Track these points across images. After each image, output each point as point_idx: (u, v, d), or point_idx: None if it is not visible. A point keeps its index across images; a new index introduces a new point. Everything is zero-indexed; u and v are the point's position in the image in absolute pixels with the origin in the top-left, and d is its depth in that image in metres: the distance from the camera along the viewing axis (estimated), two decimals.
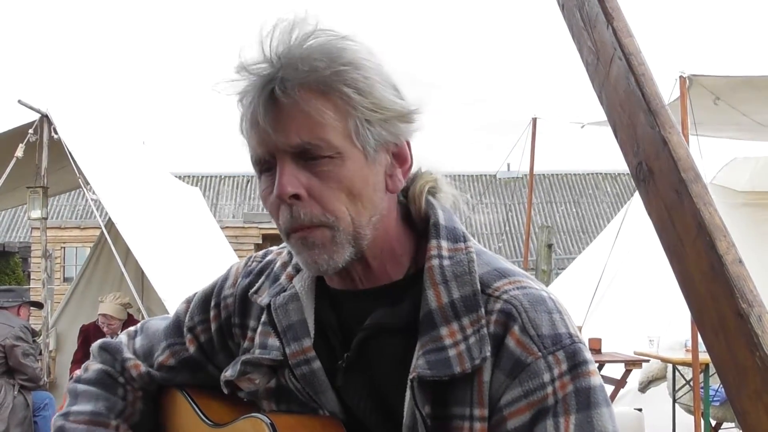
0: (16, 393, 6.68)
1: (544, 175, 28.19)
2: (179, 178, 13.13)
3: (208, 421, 1.30)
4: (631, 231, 8.20)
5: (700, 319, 0.93)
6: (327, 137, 1.09)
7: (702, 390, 6.43)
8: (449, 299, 1.12)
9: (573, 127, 8.66)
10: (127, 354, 1.42)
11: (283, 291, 1.24)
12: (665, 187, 0.95)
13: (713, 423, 6.88)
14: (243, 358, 1.24)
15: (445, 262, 1.15)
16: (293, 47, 1.09)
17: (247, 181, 28.70)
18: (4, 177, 7.34)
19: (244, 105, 1.13)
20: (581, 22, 1.09)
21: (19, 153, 7.26)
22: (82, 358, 7.28)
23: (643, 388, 7.56)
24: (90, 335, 7.49)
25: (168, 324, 1.41)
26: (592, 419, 1.07)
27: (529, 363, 1.08)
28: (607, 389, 1.15)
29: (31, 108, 7.36)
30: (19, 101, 7.26)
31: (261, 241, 17.45)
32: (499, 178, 26.27)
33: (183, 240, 8.84)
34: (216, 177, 29.31)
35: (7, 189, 7.68)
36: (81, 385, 1.42)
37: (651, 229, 1.00)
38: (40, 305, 7.76)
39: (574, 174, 30.03)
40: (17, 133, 7.35)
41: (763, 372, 0.84)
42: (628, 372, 7.17)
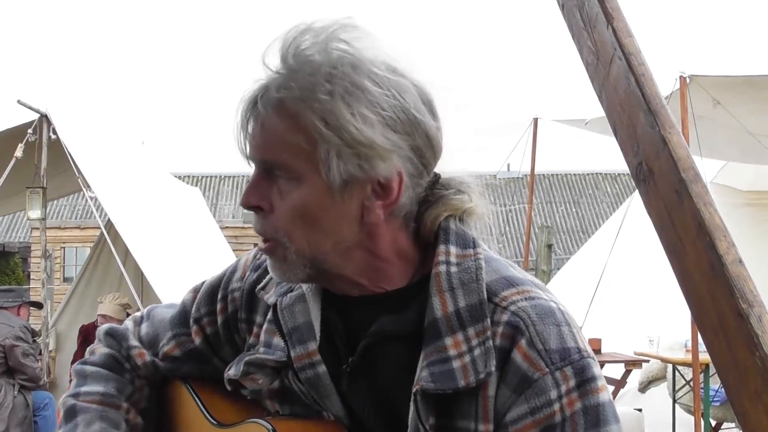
0: (16, 393, 6.68)
1: (543, 175, 28.20)
2: (179, 178, 13.14)
3: (212, 420, 1.29)
4: (631, 231, 8.20)
5: (700, 319, 0.93)
6: (287, 160, 1.08)
7: (702, 390, 6.43)
8: (455, 308, 1.10)
9: (573, 128, 8.64)
10: (133, 341, 1.40)
11: (290, 291, 1.22)
12: (665, 187, 0.95)
13: (713, 423, 6.88)
14: (246, 358, 1.23)
15: (453, 269, 1.12)
16: (288, 58, 1.09)
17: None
18: (4, 177, 7.34)
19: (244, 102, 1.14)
20: (581, 22, 1.09)
21: (18, 153, 7.27)
22: (82, 358, 7.27)
23: (643, 388, 7.57)
24: (90, 335, 7.49)
25: (174, 313, 1.39)
26: None
27: (536, 379, 1.05)
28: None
29: (30, 108, 7.36)
30: (18, 101, 7.27)
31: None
32: (500, 179, 26.28)
33: (182, 240, 8.84)
34: (216, 177, 29.32)
35: (6, 190, 7.67)
36: (89, 367, 1.40)
37: (651, 229, 1.00)
38: (39, 305, 7.76)
39: (574, 174, 30.04)
40: (16, 133, 7.35)
41: (763, 372, 0.84)
42: (628, 372, 7.18)
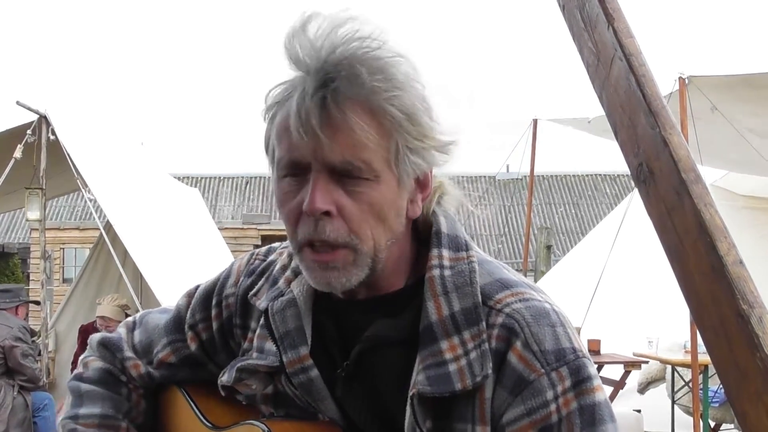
0: (15, 394, 6.67)
1: (543, 176, 28.20)
2: (178, 179, 13.13)
3: (207, 423, 1.30)
4: (630, 231, 8.21)
5: (700, 320, 0.93)
6: (369, 159, 1.06)
7: (701, 391, 6.43)
8: (450, 312, 1.10)
9: (572, 129, 8.63)
10: (128, 353, 1.40)
11: (281, 295, 1.21)
12: (666, 188, 0.95)
13: (712, 424, 6.89)
14: (238, 364, 1.22)
15: (446, 272, 1.12)
16: (354, 58, 1.05)
17: (246, 183, 28.70)
18: (3, 178, 7.34)
19: (284, 99, 1.09)
20: (582, 22, 1.08)
21: (17, 154, 7.27)
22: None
23: (642, 389, 7.57)
24: (89, 335, 7.47)
25: (168, 319, 1.39)
26: None
27: (531, 380, 1.06)
28: (606, 390, 1.13)
29: (29, 109, 7.36)
30: (17, 102, 7.27)
31: (260, 242, 17.46)
32: (499, 180, 26.28)
33: (181, 241, 8.84)
34: (215, 178, 29.30)
35: (5, 190, 7.67)
36: (84, 385, 1.39)
37: (650, 230, 1.00)
38: (37, 302, 7.76)
39: (573, 175, 30.04)
40: (15, 134, 7.35)
41: (763, 373, 0.84)
42: (627, 373, 7.17)
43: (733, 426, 7.01)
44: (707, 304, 0.91)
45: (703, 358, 6.08)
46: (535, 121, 8.90)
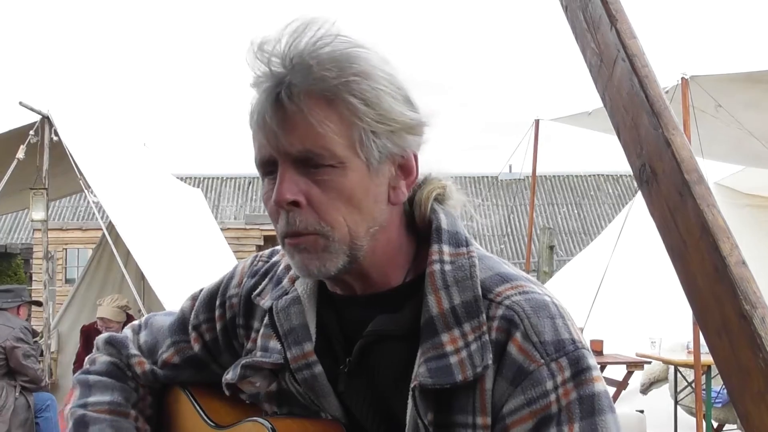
0: (17, 394, 6.67)
1: (545, 176, 28.20)
2: (181, 179, 13.14)
3: (210, 422, 1.30)
4: (633, 232, 8.20)
5: (703, 321, 0.93)
6: (329, 146, 1.08)
7: (704, 392, 6.43)
8: (450, 305, 1.11)
9: (575, 128, 8.62)
10: (133, 350, 1.41)
11: (285, 294, 1.23)
12: (668, 188, 0.95)
13: (715, 425, 6.88)
14: (243, 361, 1.24)
15: (447, 267, 1.14)
16: (304, 52, 1.08)
17: (249, 183, 28.72)
18: (6, 178, 7.35)
19: (256, 98, 1.12)
20: (584, 23, 1.09)
21: (20, 154, 7.27)
22: (85, 357, 7.27)
23: (645, 389, 7.56)
24: (92, 336, 7.48)
25: (173, 321, 1.41)
26: (596, 426, 1.06)
27: (531, 371, 1.07)
28: (609, 391, 1.14)
29: (32, 109, 7.36)
30: (20, 103, 7.27)
31: (263, 243, 17.46)
32: (501, 180, 26.28)
33: (184, 242, 8.84)
34: (218, 178, 29.34)
35: (8, 191, 7.67)
36: (93, 376, 1.41)
37: (653, 231, 1.00)
38: (39, 303, 7.75)
39: (576, 175, 30.03)
40: (18, 135, 7.35)
41: (766, 373, 0.84)
42: (629, 373, 7.17)
43: (735, 426, 7.01)
44: (710, 304, 0.91)
45: (706, 358, 6.07)
46: (537, 122, 8.89)
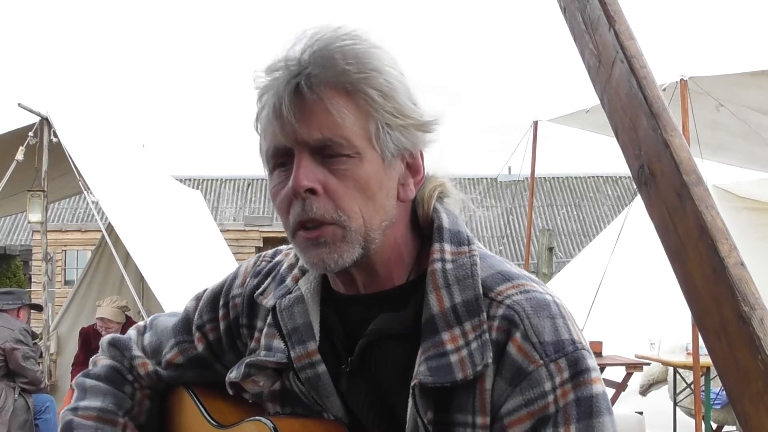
0: (16, 396, 6.68)
1: (545, 178, 28.21)
2: (180, 181, 13.14)
3: (213, 422, 1.31)
4: (632, 234, 8.20)
5: (701, 322, 0.93)
6: (347, 136, 1.09)
7: (703, 393, 6.43)
8: (451, 304, 1.12)
9: (574, 129, 8.62)
10: (136, 352, 1.42)
11: (289, 293, 1.23)
12: (667, 189, 0.95)
13: (714, 426, 6.88)
14: (247, 360, 1.24)
15: (448, 266, 1.14)
16: (323, 48, 1.10)
17: (248, 185, 28.71)
18: (5, 180, 7.34)
19: (265, 99, 1.12)
20: (583, 24, 1.09)
21: (19, 156, 7.26)
22: (83, 360, 7.28)
23: (644, 391, 7.56)
24: (90, 338, 7.49)
25: (177, 321, 1.41)
26: (593, 428, 1.06)
27: (530, 371, 1.07)
28: (608, 392, 1.14)
29: (31, 111, 7.36)
30: (19, 104, 7.26)
31: (262, 244, 17.48)
32: (500, 181, 26.28)
33: (183, 243, 8.84)
34: (217, 180, 29.33)
35: (7, 193, 7.67)
36: (90, 380, 1.42)
37: (652, 232, 1.00)
38: (39, 308, 7.75)
39: (575, 177, 30.05)
40: (17, 136, 7.35)
41: (765, 375, 0.84)
42: (629, 375, 7.17)
43: (735, 428, 7.00)
44: (709, 305, 0.91)
45: (705, 359, 6.07)
46: (535, 123, 8.89)
